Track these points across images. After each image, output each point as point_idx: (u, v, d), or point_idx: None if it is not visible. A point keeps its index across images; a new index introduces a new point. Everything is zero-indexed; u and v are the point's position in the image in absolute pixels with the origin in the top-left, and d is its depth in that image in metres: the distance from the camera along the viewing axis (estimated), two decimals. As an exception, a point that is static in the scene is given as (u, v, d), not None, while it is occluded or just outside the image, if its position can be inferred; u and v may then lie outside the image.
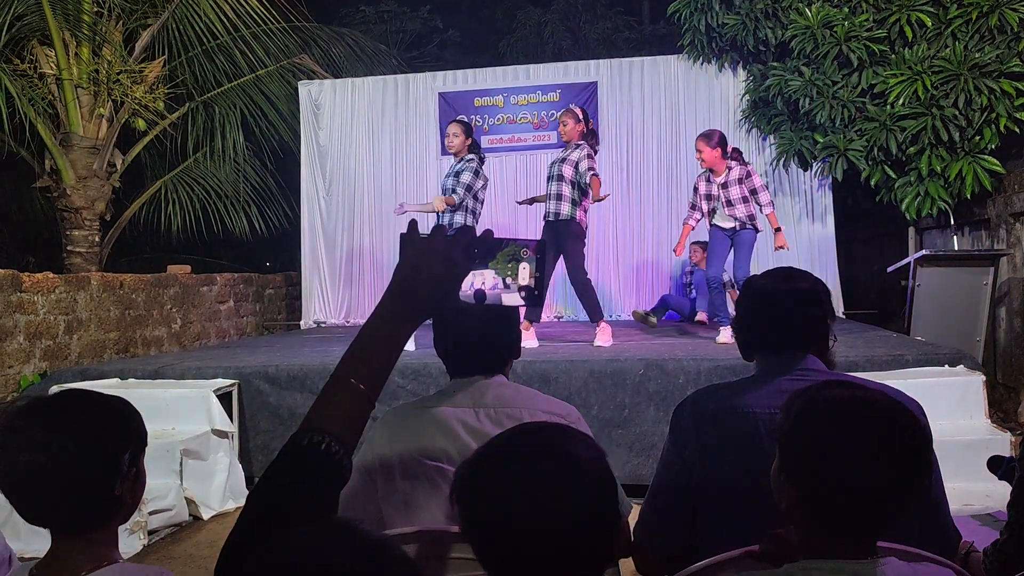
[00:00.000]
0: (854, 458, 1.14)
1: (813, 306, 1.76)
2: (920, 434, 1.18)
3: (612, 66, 8.62)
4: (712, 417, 1.65)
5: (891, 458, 1.14)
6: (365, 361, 1.05)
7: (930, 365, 4.42)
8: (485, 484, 1.04)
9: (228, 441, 4.63)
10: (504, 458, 1.06)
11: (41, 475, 1.22)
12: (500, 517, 1.01)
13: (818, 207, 8.09)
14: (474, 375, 1.77)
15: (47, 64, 7.71)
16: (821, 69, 6.92)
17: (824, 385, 1.26)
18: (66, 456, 1.23)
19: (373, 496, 1.74)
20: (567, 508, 1.00)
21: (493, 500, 1.02)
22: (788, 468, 1.22)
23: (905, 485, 1.15)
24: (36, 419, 1.26)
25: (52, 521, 1.27)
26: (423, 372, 4.68)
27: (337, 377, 1.04)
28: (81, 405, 1.30)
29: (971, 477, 3.50)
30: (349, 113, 8.94)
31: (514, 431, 1.13)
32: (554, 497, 1.00)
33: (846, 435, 1.16)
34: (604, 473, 1.06)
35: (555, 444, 1.06)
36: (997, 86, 6.01)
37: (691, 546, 1.63)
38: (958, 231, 6.86)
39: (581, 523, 1.00)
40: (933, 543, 1.48)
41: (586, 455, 1.05)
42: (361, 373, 1.04)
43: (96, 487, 1.25)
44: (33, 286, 5.64)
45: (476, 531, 1.04)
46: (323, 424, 1.00)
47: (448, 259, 1.07)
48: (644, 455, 4.45)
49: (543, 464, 1.03)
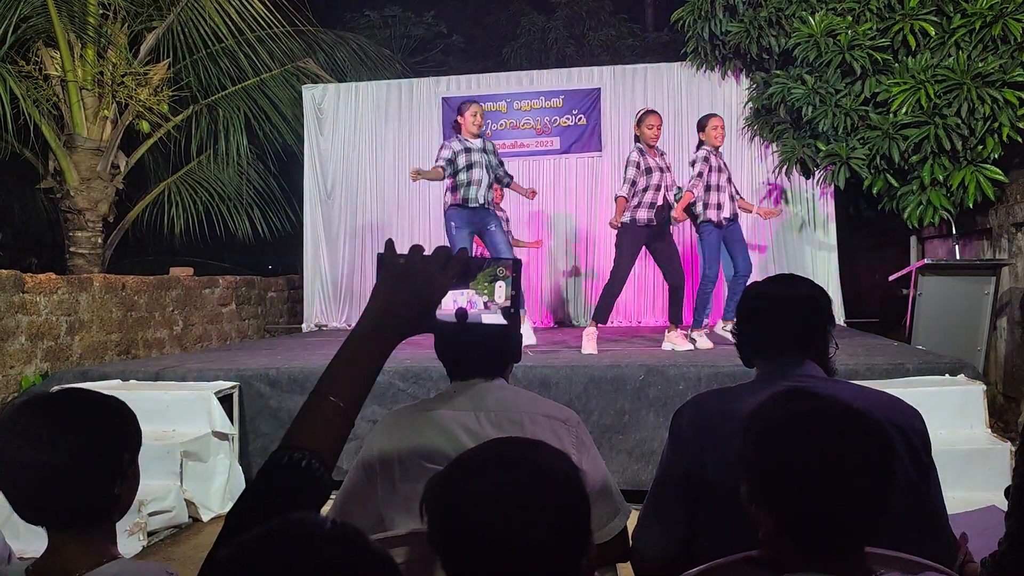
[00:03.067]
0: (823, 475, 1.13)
1: (813, 312, 1.76)
2: (883, 438, 1.17)
3: (615, 73, 8.64)
4: (710, 422, 1.65)
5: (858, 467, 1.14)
6: (345, 378, 1.06)
7: (930, 374, 4.42)
8: (453, 493, 1.03)
9: (228, 443, 4.63)
10: (473, 468, 1.05)
11: (42, 473, 1.22)
12: (466, 526, 1.00)
13: (820, 215, 8.10)
14: (474, 378, 1.78)
15: (52, 66, 7.73)
16: (824, 77, 6.93)
17: (779, 401, 1.25)
18: (68, 455, 1.23)
19: (373, 497, 1.74)
20: (534, 520, 0.98)
21: (460, 509, 1.01)
22: (759, 496, 1.21)
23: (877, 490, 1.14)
24: (38, 417, 1.25)
25: (51, 519, 1.27)
26: (424, 376, 4.68)
27: (317, 394, 1.05)
28: (82, 404, 1.31)
29: (971, 486, 3.50)
30: (352, 117, 8.96)
31: (487, 444, 1.12)
32: (521, 508, 0.99)
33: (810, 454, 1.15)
34: (575, 488, 1.04)
35: (526, 457, 1.05)
36: (1000, 95, 6.01)
37: (689, 552, 1.63)
38: (960, 240, 6.86)
39: (548, 536, 0.99)
40: (932, 552, 1.48)
41: (557, 468, 1.04)
42: (341, 390, 1.05)
43: (97, 486, 1.25)
44: (36, 287, 5.65)
45: (443, 541, 1.03)
46: (303, 441, 1.00)
47: (426, 278, 1.08)
48: (644, 461, 4.44)
49: (511, 475, 1.02)
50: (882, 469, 1.16)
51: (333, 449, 1.03)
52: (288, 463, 0.98)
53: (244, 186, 9.57)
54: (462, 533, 1.00)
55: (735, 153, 8.26)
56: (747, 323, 1.80)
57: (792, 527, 1.17)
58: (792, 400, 1.24)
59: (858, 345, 5.60)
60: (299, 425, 1.03)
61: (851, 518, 1.14)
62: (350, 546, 0.79)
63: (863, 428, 1.17)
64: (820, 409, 1.20)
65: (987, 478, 3.60)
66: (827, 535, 1.15)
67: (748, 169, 8.23)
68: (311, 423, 1.03)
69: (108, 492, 1.26)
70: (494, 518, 0.99)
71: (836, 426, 1.17)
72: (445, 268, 1.09)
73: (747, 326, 1.80)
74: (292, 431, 1.02)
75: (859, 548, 1.18)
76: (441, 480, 1.06)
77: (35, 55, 7.70)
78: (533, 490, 1.01)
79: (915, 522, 1.57)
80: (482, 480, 1.02)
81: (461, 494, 1.02)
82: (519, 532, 0.98)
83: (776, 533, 1.20)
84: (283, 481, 0.98)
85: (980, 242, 6.82)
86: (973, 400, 4.17)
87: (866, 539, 1.18)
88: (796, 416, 1.20)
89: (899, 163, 6.48)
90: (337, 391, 1.04)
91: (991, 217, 6.50)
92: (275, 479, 0.99)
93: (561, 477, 1.04)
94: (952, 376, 4.37)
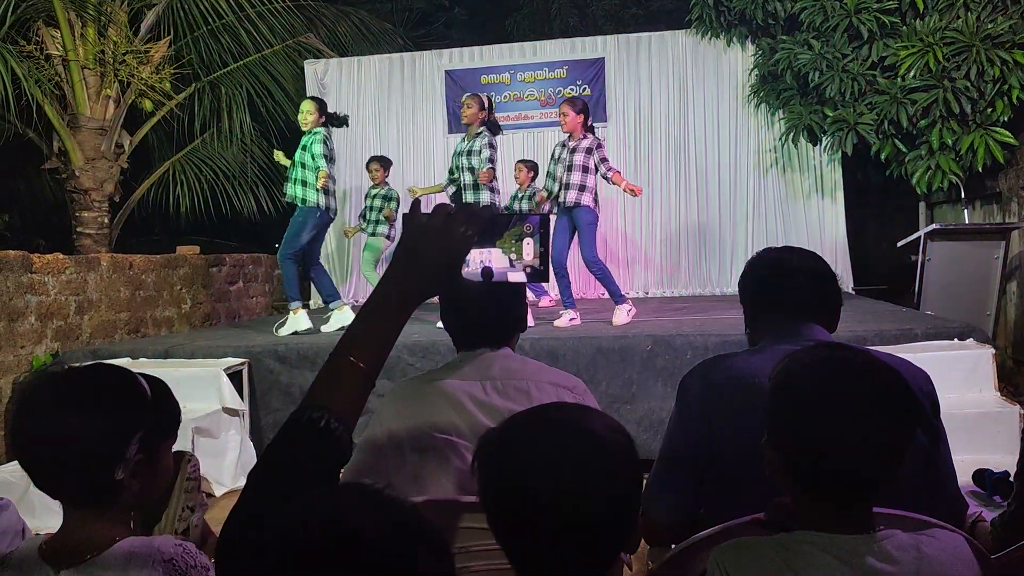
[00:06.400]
0: (834, 418, 1.12)
1: (826, 279, 1.76)
2: (904, 393, 1.16)
3: (619, 42, 8.54)
4: (718, 387, 1.65)
5: (872, 418, 1.12)
6: (366, 339, 1.05)
7: (939, 339, 4.41)
8: (509, 450, 1.03)
9: (239, 419, 4.67)
10: (533, 427, 1.06)
11: (46, 446, 1.23)
12: (519, 484, 1.00)
13: (828, 182, 8.04)
14: (480, 348, 1.77)
15: (53, 45, 7.69)
16: (831, 42, 6.85)
17: (808, 348, 1.24)
18: (70, 432, 1.22)
19: (383, 472, 1.74)
20: (587, 485, 0.99)
21: (515, 466, 1.01)
22: (769, 433, 1.21)
23: (889, 446, 1.13)
24: (54, 390, 1.26)
25: (59, 494, 1.28)
26: (432, 350, 4.69)
27: (337, 355, 1.04)
28: (99, 382, 1.30)
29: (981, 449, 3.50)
30: (355, 92, 8.91)
31: (548, 406, 1.13)
32: (577, 471, 0.99)
33: (825, 395, 1.14)
34: (631, 460, 1.05)
35: (587, 423, 1.06)
36: (1010, 57, 5.93)
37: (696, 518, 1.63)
38: (969, 205, 6.80)
39: (599, 503, 0.99)
40: (940, 513, 1.48)
41: (617, 440, 1.05)
42: (361, 351, 1.04)
43: (96, 468, 1.24)
44: (43, 267, 5.67)
45: (493, 497, 1.03)
46: (322, 401, 1.00)
47: (449, 237, 1.06)
48: (652, 431, 4.46)
49: (572, 439, 1.02)
50: (903, 422, 1.15)
51: (353, 409, 1.02)
52: (308, 422, 0.98)
53: (248, 163, 9.53)
54: (514, 491, 1.00)
55: (741, 121, 8.20)
56: (758, 286, 1.79)
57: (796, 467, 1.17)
58: (821, 349, 1.24)
59: (867, 312, 5.58)
60: (319, 385, 1.03)
61: (867, 469, 1.13)
62: (412, 521, 0.77)
63: (889, 382, 1.16)
64: (848, 357, 1.20)
65: (996, 441, 3.61)
66: (842, 487, 1.15)
67: (755, 137, 8.17)
68: (331, 384, 1.02)
69: (107, 476, 1.24)
70: (549, 479, 0.99)
71: (861, 372, 1.17)
72: (467, 226, 1.08)
73: (758, 289, 1.79)
74: (312, 391, 1.02)
75: (867, 506, 1.18)
76: (498, 436, 1.06)
77: (36, 35, 7.65)
78: (592, 456, 1.01)
79: (924, 484, 1.57)
80: (542, 440, 1.02)
81: (518, 451, 1.03)
82: (572, 495, 0.98)
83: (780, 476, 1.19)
84: (302, 440, 0.98)
85: (990, 206, 6.76)
86: (982, 364, 4.16)
87: (875, 496, 1.17)
88: (823, 359, 1.20)
89: (907, 128, 6.42)
90: (357, 351, 1.04)
91: (1001, 180, 6.44)
92: (294, 438, 0.98)
93: (620, 448, 1.04)
94: (961, 340, 4.36)
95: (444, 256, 1.07)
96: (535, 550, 1.01)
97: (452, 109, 8.64)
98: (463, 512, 1.48)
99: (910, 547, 1.12)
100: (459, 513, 1.48)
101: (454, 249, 1.07)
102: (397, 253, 1.09)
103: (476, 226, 1.09)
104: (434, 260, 1.06)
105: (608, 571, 1.05)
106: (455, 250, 1.07)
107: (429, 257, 1.06)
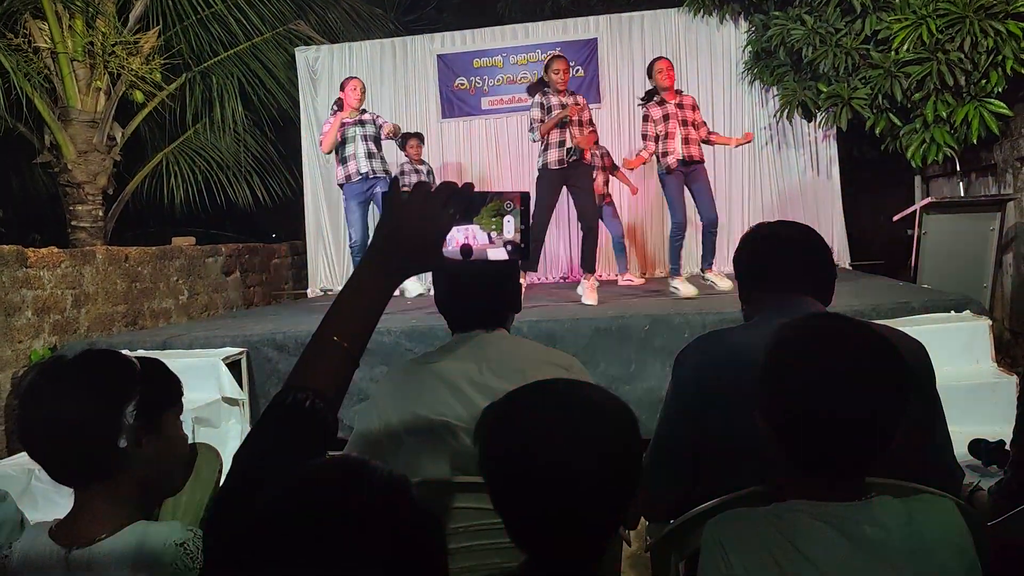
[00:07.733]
0: (825, 388, 1.12)
1: (818, 250, 1.76)
2: (896, 363, 1.16)
3: (612, 21, 8.48)
4: (713, 361, 1.65)
5: (862, 385, 1.12)
6: (348, 318, 1.05)
7: (936, 311, 4.40)
8: (511, 419, 1.04)
9: (239, 409, 4.67)
10: (533, 397, 1.07)
11: (46, 428, 1.26)
12: (520, 451, 1.01)
13: (823, 158, 8.02)
14: (475, 330, 1.77)
15: (41, 38, 7.63)
16: (823, 17, 6.81)
17: (800, 318, 1.25)
18: (65, 407, 1.25)
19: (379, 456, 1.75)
20: (589, 456, 1.00)
21: (516, 434, 1.03)
22: (760, 403, 1.21)
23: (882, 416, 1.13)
24: (49, 376, 1.29)
25: (69, 475, 1.29)
26: (429, 335, 4.69)
27: (320, 335, 1.04)
28: (85, 362, 1.32)
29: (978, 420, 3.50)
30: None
31: (547, 380, 1.14)
32: (576, 436, 1.01)
33: (816, 365, 1.14)
34: (629, 427, 1.07)
35: (590, 396, 1.08)
36: (1004, 27, 5.89)
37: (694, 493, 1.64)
38: (964, 177, 6.79)
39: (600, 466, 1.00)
40: (935, 482, 1.48)
41: (615, 404, 1.07)
42: (343, 330, 1.04)
43: (95, 440, 1.26)
44: (39, 261, 5.66)
45: (495, 466, 1.04)
46: (306, 382, 1.00)
47: (428, 215, 1.06)
48: (651, 410, 4.40)
49: (571, 406, 1.04)
50: (895, 392, 1.15)
51: (337, 389, 1.02)
52: (292, 403, 0.98)
53: (242, 153, 9.50)
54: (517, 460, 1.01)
55: (735, 99, 8.16)
56: (754, 258, 1.79)
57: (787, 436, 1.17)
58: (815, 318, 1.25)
59: (863, 286, 5.58)
60: (302, 367, 1.03)
61: (858, 439, 1.13)
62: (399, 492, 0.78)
63: (881, 350, 1.16)
64: (840, 326, 1.20)
65: (994, 412, 3.60)
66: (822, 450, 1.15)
67: (749, 114, 8.13)
68: (314, 364, 1.02)
69: (109, 445, 1.26)
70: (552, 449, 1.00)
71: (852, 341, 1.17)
72: (447, 204, 1.07)
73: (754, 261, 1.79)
74: (295, 372, 1.02)
75: (860, 476, 1.18)
76: (501, 406, 1.08)
77: (23, 27, 7.59)
78: (594, 428, 1.03)
79: (919, 454, 1.57)
80: (545, 411, 1.04)
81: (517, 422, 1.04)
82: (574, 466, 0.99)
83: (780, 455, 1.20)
84: (287, 421, 0.98)
85: (985, 178, 6.75)
86: (979, 336, 4.16)
87: (869, 466, 1.18)
88: (815, 327, 1.20)
89: (901, 101, 6.39)
90: (340, 331, 1.04)
91: (996, 152, 6.43)
92: (279, 419, 0.99)
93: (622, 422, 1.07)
94: (958, 312, 4.36)
95: (426, 234, 1.06)
96: (536, 520, 1.02)
97: (445, 93, 8.60)
98: (456, 492, 1.48)
99: (901, 513, 1.13)
100: (452, 493, 1.49)
101: (435, 227, 1.07)
102: (378, 231, 1.09)
103: (459, 204, 1.09)
104: (415, 238, 1.06)
105: (607, 546, 1.06)
106: (436, 228, 1.07)
107: (410, 235, 1.06)
